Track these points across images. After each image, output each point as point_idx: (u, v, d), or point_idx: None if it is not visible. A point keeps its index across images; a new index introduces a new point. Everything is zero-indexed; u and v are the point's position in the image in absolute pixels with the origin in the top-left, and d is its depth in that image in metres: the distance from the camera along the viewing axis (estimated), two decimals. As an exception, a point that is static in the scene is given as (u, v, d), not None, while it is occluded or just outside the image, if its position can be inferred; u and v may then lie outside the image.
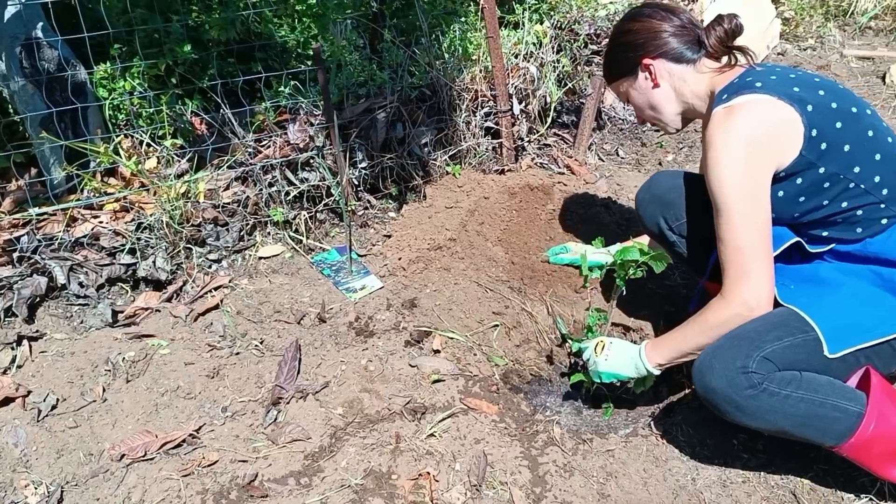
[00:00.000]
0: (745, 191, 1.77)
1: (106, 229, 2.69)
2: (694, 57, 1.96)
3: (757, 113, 1.78)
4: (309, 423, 2.11)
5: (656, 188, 2.25)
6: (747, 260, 1.79)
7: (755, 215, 1.78)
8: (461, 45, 3.31)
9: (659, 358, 2.00)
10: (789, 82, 1.81)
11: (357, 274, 2.77)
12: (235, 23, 3.20)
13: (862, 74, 4.72)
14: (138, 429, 2.10)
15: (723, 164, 1.76)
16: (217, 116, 2.97)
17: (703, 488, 1.95)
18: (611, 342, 2.10)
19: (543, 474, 1.99)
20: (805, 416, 1.73)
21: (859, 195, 1.81)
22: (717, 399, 1.77)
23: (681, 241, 2.20)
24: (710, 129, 1.81)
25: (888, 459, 1.76)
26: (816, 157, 1.77)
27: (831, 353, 1.75)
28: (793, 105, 1.76)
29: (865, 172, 1.80)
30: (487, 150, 3.30)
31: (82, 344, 2.40)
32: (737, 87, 1.85)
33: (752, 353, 1.74)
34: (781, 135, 1.77)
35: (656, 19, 1.98)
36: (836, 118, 1.78)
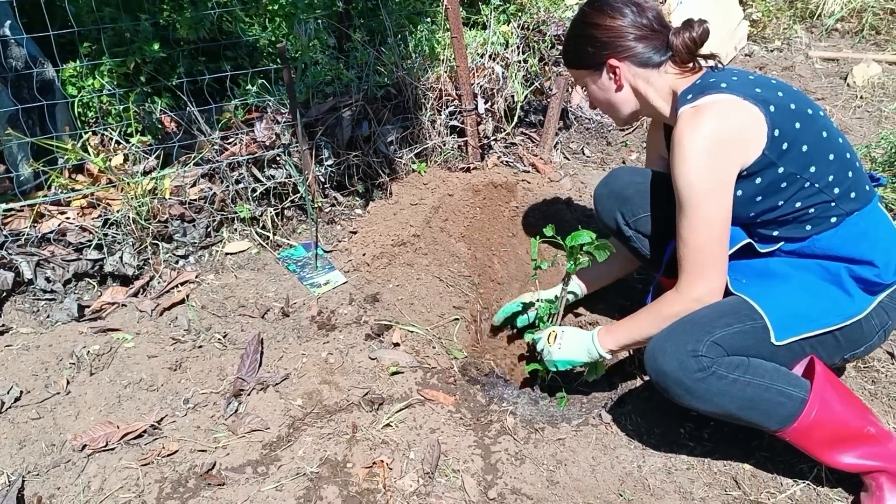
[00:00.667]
0: (711, 191, 1.80)
1: (73, 225, 2.73)
2: (660, 60, 1.96)
3: (724, 112, 1.81)
4: (268, 413, 2.16)
5: (614, 184, 2.29)
6: (705, 259, 1.85)
7: (717, 216, 1.83)
8: (428, 45, 3.36)
9: (611, 343, 2.06)
10: (750, 83, 1.86)
11: (322, 269, 2.82)
12: (204, 22, 3.23)
13: (826, 76, 4.81)
14: (101, 420, 2.14)
15: (691, 164, 1.79)
16: (184, 114, 3.01)
17: (649, 475, 2.02)
18: (563, 331, 2.16)
19: (495, 462, 2.05)
20: (751, 399, 1.79)
21: (813, 194, 1.86)
22: (667, 381, 1.83)
23: (637, 236, 2.25)
24: (678, 129, 1.83)
25: (828, 445, 1.83)
26: (777, 156, 1.82)
27: (777, 340, 1.82)
28: (757, 105, 1.80)
29: (820, 172, 1.85)
30: (453, 148, 3.36)
31: (48, 338, 2.44)
32: (701, 87, 1.88)
33: (702, 337, 1.80)
34: (747, 134, 1.81)
35: (627, 18, 1.94)
36: (795, 119, 1.83)
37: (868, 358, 2.38)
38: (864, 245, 1.88)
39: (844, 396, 1.85)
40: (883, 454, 1.83)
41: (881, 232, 1.92)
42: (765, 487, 1.97)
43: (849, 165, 1.89)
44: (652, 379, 1.89)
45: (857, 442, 1.83)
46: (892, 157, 3.11)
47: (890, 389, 2.26)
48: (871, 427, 1.84)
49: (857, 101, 4.38)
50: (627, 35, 1.94)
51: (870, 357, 2.38)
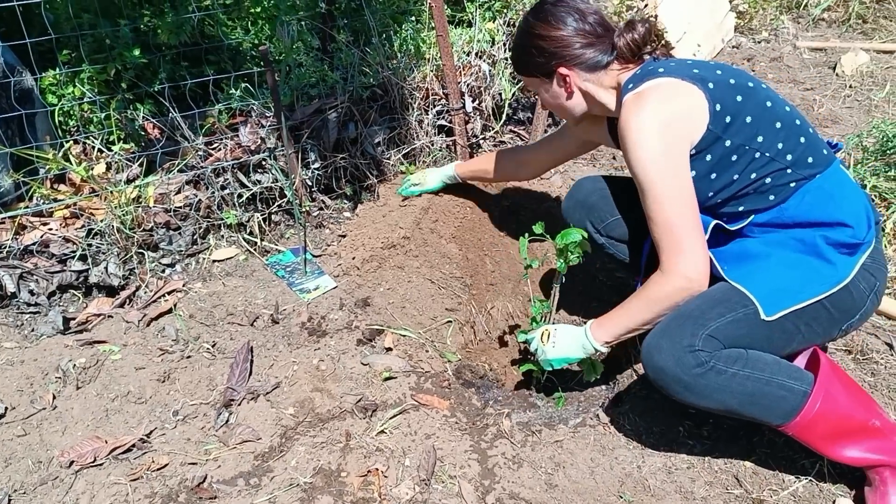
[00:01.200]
0: (666, 167, 1.82)
1: (56, 236, 2.68)
2: (607, 62, 2.02)
3: (664, 93, 1.85)
4: (259, 423, 2.12)
5: (578, 194, 2.31)
6: (679, 233, 1.84)
7: (679, 190, 1.84)
8: (413, 44, 3.32)
9: (605, 336, 2.02)
10: (688, 66, 1.91)
11: (311, 274, 2.78)
12: (185, 26, 3.18)
13: (814, 65, 4.80)
14: (88, 435, 2.09)
15: (640, 146, 1.82)
16: (167, 121, 2.96)
17: (649, 475, 1.98)
18: (555, 329, 2.13)
19: (492, 467, 2.01)
20: (752, 394, 1.76)
21: (765, 164, 1.87)
22: (666, 379, 1.80)
23: (609, 242, 2.28)
24: (623, 116, 1.86)
25: (833, 438, 1.80)
26: (722, 130, 1.84)
27: (767, 315, 1.79)
28: (695, 84, 1.84)
29: (768, 141, 1.87)
30: (441, 148, 3.32)
31: (32, 352, 2.39)
32: (641, 75, 1.93)
33: (697, 331, 1.77)
34: (689, 112, 1.83)
35: (570, 27, 1.99)
36: (736, 92, 1.86)
37: (867, 350, 2.35)
38: (831, 206, 1.86)
39: (849, 388, 1.82)
40: (888, 448, 1.80)
41: (846, 191, 1.91)
42: (767, 485, 1.94)
43: (799, 131, 1.91)
44: (650, 377, 1.86)
45: (861, 435, 1.80)
46: (883, 146, 3.09)
47: (890, 381, 2.23)
48: (877, 420, 1.81)
49: (846, 90, 4.36)
50: (573, 44, 2.00)
51: (869, 349, 2.35)
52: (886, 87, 4.28)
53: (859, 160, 3.16)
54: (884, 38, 5.06)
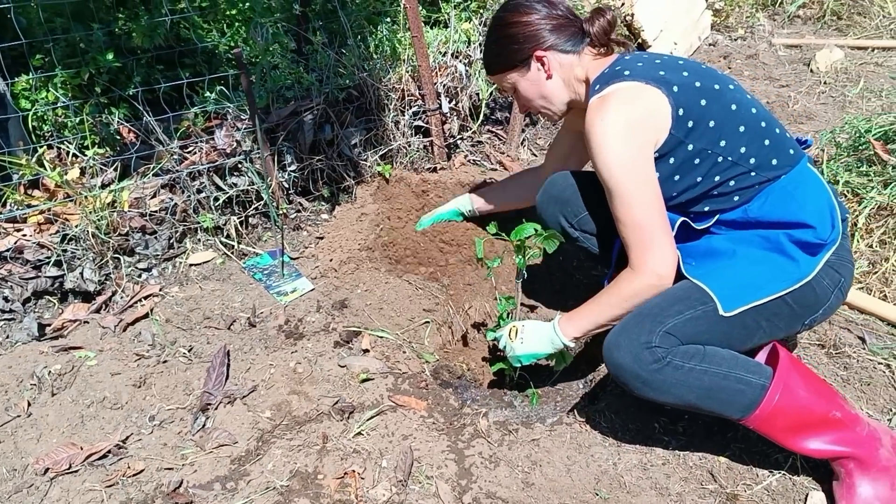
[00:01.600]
0: (631, 168, 1.85)
1: (30, 242, 2.66)
2: (579, 48, 2.06)
3: (626, 97, 1.87)
4: (236, 427, 2.12)
5: (552, 189, 2.31)
6: (647, 233, 1.86)
7: (646, 190, 1.86)
8: (389, 46, 3.33)
9: (574, 331, 2.04)
10: (655, 67, 1.92)
11: (289, 277, 2.78)
12: (159, 29, 3.17)
13: (789, 62, 4.83)
14: (63, 442, 2.08)
15: (605, 148, 1.84)
16: (142, 124, 2.95)
17: (624, 472, 1.99)
18: (523, 325, 2.14)
19: (469, 466, 2.02)
20: (709, 388, 1.79)
21: (728, 167, 1.90)
22: (625, 375, 1.83)
23: (583, 236, 2.28)
24: (588, 119, 1.88)
25: (794, 431, 1.82)
26: (684, 134, 1.87)
27: (726, 311, 1.81)
28: (659, 87, 1.86)
29: (731, 145, 1.89)
30: (418, 148, 3.32)
31: (7, 359, 2.37)
32: (607, 76, 1.95)
33: (654, 328, 1.80)
34: (651, 115, 1.86)
35: (541, 12, 2.05)
36: (701, 96, 1.88)
37: (840, 343, 2.37)
38: (793, 207, 1.89)
39: (809, 382, 1.84)
40: (850, 439, 1.82)
41: (810, 191, 1.93)
42: (741, 479, 1.95)
43: (764, 134, 1.93)
44: (611, 374, 1.89)
45: (822, 427, 1.82)
46: (855, 142, 3.12)
47: (862, 375, 2.26)
48: (837, 411, 1.82)
49: (820, 86, 4.40)
50: (546, 26, 2.04)
51: (841, 343, 2.37)
52: (860, 82, 4.32)
53: (832, 156, 3.19)
54: (858, 35, 5.11)
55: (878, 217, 2.79)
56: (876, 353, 2.33)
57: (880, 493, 1.80)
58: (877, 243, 2.73)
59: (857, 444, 1.82)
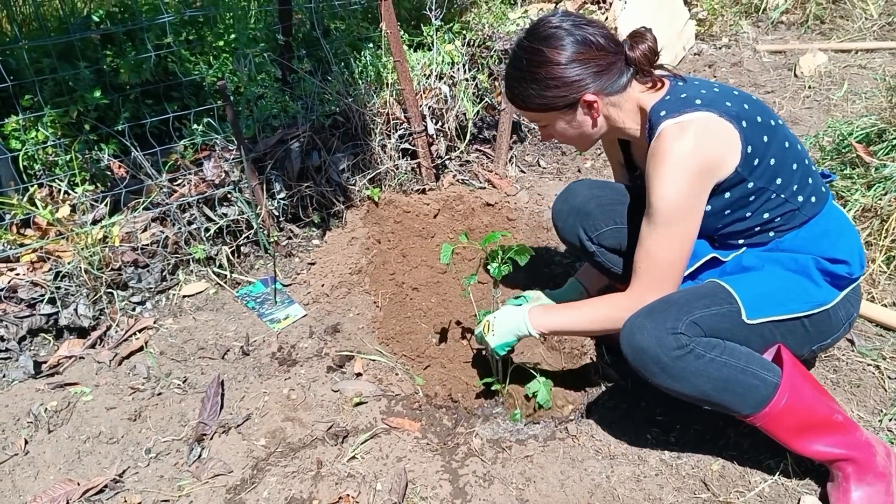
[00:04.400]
0: (688, 211, 1.80)
1: (24, 281, 2.68)
2: (627, 81, 1.90)
3: (707, 130, 1.78)
4: (231, 456, 2.13)
5: (574, 199, 2.25)
6: (665, 274, 1.87)
7: (687, 234, 1.83)
8: (373, 70, 3.36)
9: (545, 325, 2.05)
10: (720, 97, 1.84)
11: (281, 304, 2.80)
12: (145, 64, 3.21)
13: (774, 68, 4.87)
14: (60, 478, 2.10)
15: (673, 181, 1.77)
16: (130, 160, 2.98)
17: (618, 484, 2.00)
18: (494, 316, 2.16)
19: (464, 486, 2.03)
20: (727, 380, 1.78)
21: (780, 205, 1.88)
22: (645, 358, 1.80)
23: (601, 251, 2.23)
24: (664, 143, 1.78)
25: (798, 432, 1.83)
26: (749, 172, 1.82)
27: (749, 319, 1.81)
28: (732, 122, 1.79)
29: (785, 183, 1.86)
30: (407, 171, 3.35)
31: (3, 398, 2.39)
32: (675, 103, 1.84)
33: (681, 316, 1.79)
34: (726, 153, 1.79)
35: (590, 47, 1.85)
36: (763, 132, 1.82)
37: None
38: (826, 243, 1.90)
39: (813, 384, 1.86)
40: (850, 443, 1.84)
41: (842, 228, 1.94)
42: (733, 487, 1.96)
43: (808, 171, 1.91)
44: (628, 357, 1.84)
45: (825, 430, 1.83)
46: (839, 146, 3.15)
47: (851, 377, 2.27)
48: (839, 415, 1.85)
49: (805, 91, 4.43)
50: (595, 66, 1.86)
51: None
52: (844, 86, 4.35)
53: (817, 160, 3.21)
54: (841, 38, 5.15)
55: (864, 219, 2.81)
56: (865, 354, 2.34)
57: (874, 497, 1.82)
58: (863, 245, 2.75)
59: (856, 448, 1.84)
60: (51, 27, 3.67)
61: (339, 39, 3.63)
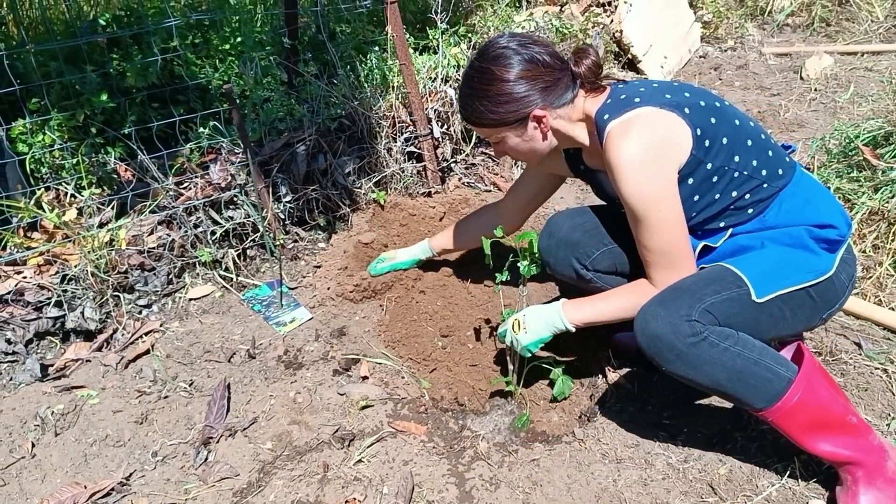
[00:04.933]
0: (659, 195, 1.84)
1: (31, 284, 2.69)
2: (573, 95, 1.98)
3: (649, 122, 1.84)
4: (238, 460, 2.13)
5: (559, 232, 2.28)
6: (673, 257, 1.89)
7: (674, 216, 1.86)
8: (378, 74, 3.37)
9: (579, 317, 2.06)
10: (658, 91, 1.91)
11: (287, 307, 2.80)
12: (151, 68, 3.22)
13: (779, 70, 4.87)
14: (67, 481, 2.10)
15: (634, 176, 1.82)
16: (137, 163, 2.99)
17: (625, 488, 2.00)
18: (524, 314, 2.16)
19: (470, 489, 2.03)
20: (741, 371, 1.78)
21: (744, 182, 1.91)
22: (659, 345, 1.80)
23: (597, 276, 2.25)
24: (612, 146, 1.84)
25: (810, 429, 1.82)
26: (703, 154, 1.86)
27: (758, 297, 1.82)
28: (673, 111, 1.84)
29: (744, 159, 1.90)
30: (412, 174, 3.35)
31: (11, 401, 2.40)
32: (616, 105, 1.91)
33: (694, 304, 1.80)
34: (675, 139, 1.84)
35: (536, 66, 1.92)
36: (709, 114, 1.88)
37: (836, 350, 2.38)
38: (809, 210, 1.92)
39: (830, 383, 1.86)
40: (861, 446, 1.83)
41: (819, 194, 1.97)
42: (741, 491, 1.96)
43: (766, 145, 1.95)
44: (642, 345, 1.85)
45: (838, 430, 1.83)
46: (845, 149, 3.14)
47: (859, 380, 2.26)
48: (853, 417, 1.84)
49: (811, 93, 4.43)
50: (540, 85, 1.93)
51: (837, 349, 2.39)
52: (850, 88, 4.35)
53: (823, 163, 3.20)
54: (847, 40, 5.15)
55: (871, 222, 2.80)
56: (872, 358, 2.33)
57: (883, 502, 1.81)
58: (870, 248, 2.74)
59: (867, 451, 1.83)
60: (57, 31, 3.68)
61: (344, 43, 3.63)
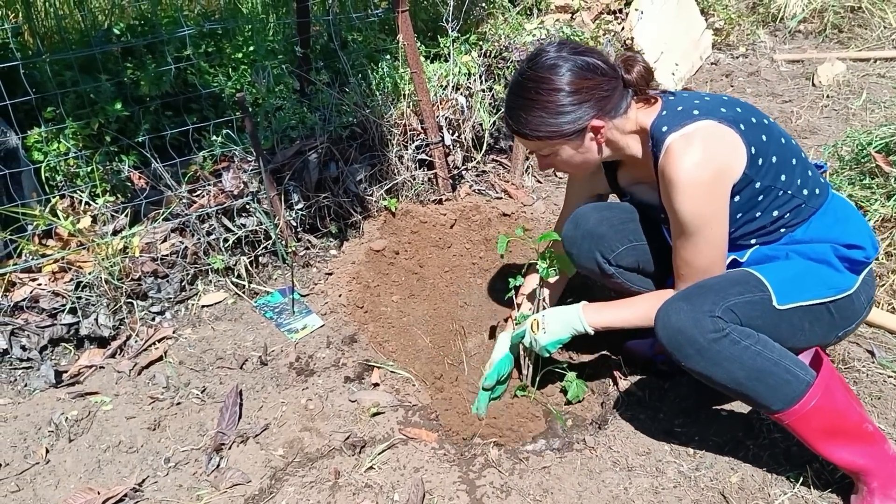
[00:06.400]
0: (714, 216, 1.83)
1: (45, 291, 2.71)
2: (627, 103, 1.93)
3: (712, 138, 1.80)
4: (249, 466, 2.14)
5: (585, 224, 2.23)
6: (709, 275, 1.90)
7: (721, 238, 1.87)
8: (390, 82, 3.38)
9: (599, 321, 2.07)
10: (713, 104, 1.87)
11: (299, 314, 2.81)
12: (165, 77, 3.25)
13: (792, 77, 4.86)
14: (81, 487, 2.11)
15: (694, 192, 1.79)
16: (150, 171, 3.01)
17: (636, 496, 2.00)
18: (542, 316, 2.17)
19: (481, 497, 2.03)
20: (760, 370, 1.77)
21: (787, 201, 1.89)
22: (681, 339, 1.79)
23: (619, 271, 2.23)
24: (672, 160, 1.80)
25: (826, 435, 1.82)
26: (755, 173, 1.83)
27: (779, 304, 1.82)
28: (731, 126, 1.81)
29: (789, 179, 1.88)
30: (423, 181, 3.36)
31: (25, 407, 2.42)
32: (672, 117, 1.87)
33: (718, 301, 1.80)
34: (734, 156, 1.81)
35: (595, 75, 1.87)
36: (760, 132, 1.85)
37: (849, 358, 2.37)
38: (838, 230, 1.92)
39: (847, 390, 1.86)
40: (877, 454, 1.83)
41: (850, 214, 1.97)
42: (753, 500, 1.95)
43: (807, 165, 1.95)
44: (663, 339, 1.83)
45: (854, 437, 1.82)
46: (858, 155, 3.13)
47: (872, 388, 2.25)
48: (869, 425, 1.84)
49: (823, 100, 4.41)
50: (600, 91, 1.87)
51: (850, 357, 2.38)
52: (863, 95, 4.33)
53: (836, 170, 3.19)
54: (859, 47, 5.12)
55: (883, 229, 2.79)
56: (885, 366, 2.32)
57: None
58: (882, 255, 2.73)
59: (883, 460, 1.83)
60: (72, 40, 3.71)
61: (356, 51, 3.65)
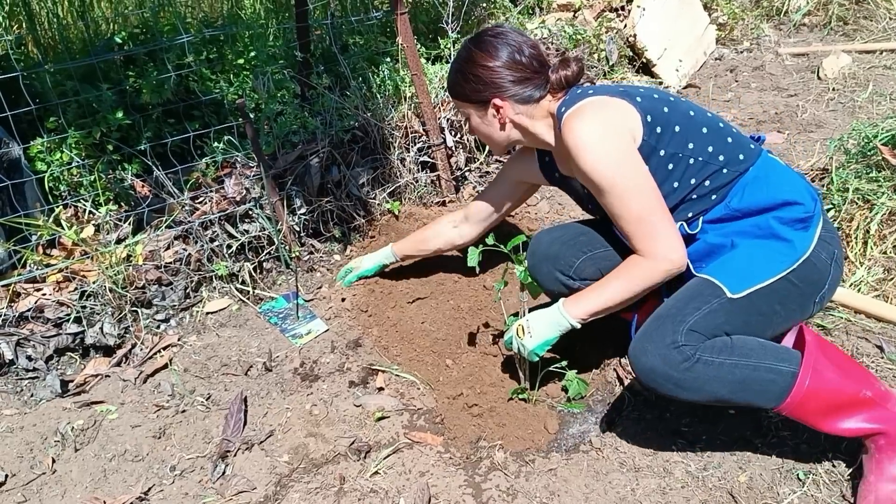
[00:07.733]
0: (619, 161, 1.89)
1: (50, 301, 2.72)
2: (540, 96, 2.10)
3: (601, 106, 1.95)
4: (254, 473, 2.13)
5: (538, 249, 2.30)
6: (652, 223, 1.90)
7: (641, 182, 1.90)
8: (391, 84, 3.38)
9: (580, 312, 2.06)
10: (612, 87, 2.02)
11: (303, 319, 2.81)
12: (166, 85, 3.25)
13: (797, 71, 4.83)
14: (87, 497, 2.11)
15: (590, 148, 1.89)
16: (153, 179, 3.02)
17: (643, 497, 1.98)
18: (527, 319, 2.17)
19: (487, 500, 2.02)
20: (742, 381, 1.79)
21: (701, 168, 1.95)
22: (656, 378, 1.82)
23: (584, 283, 2.23)
24: (567, 130, 1.93)
25: (826, 413, 1.82)
26: (656, 140, 1.93)
27: (732, 292, 1.83)
28: (624, 98, 1.95)
29: (699, 146, 1.95)
30: (426, 183, 3.36)
31: (32, 417, 2.42)
32: (571, 99, 2.03)
33: (677, 328, 1.81)
34: (626, 122, 1.93)
35: (507, 60, 2.06)
36: (661, 104, 1.97)
37: (857, 353, 2.35)
38: (771, 190, 1.93)
39: (839, 363, 1.85)
40: (882, 416, 1.82)
41: (781, 173, 1.99)
42: (762, 499, 1.93)
43: (725, 133, 2.01)
44: (640, 380, 1.88)
45: (854, 408, 1.82)
46: (864, 148, 3.10)
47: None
48: (868, 390, 1.83)
49: (829, 93, 4.39)
50: (508, 77, 2.07)
51: (859, 352, 2.35)
52: (869, 87, 4.30)
53: (842, 163, 3.16)
54: (865, 39, 5.09)
55: (891, 223, 2.76)
56: (894, 361, 2.29)
57: None
58: (890, 249, 2.70)
59: (889, 420, 1.82)
60: (74, 49, 3.73)
61: (356, 55, 3.65)
